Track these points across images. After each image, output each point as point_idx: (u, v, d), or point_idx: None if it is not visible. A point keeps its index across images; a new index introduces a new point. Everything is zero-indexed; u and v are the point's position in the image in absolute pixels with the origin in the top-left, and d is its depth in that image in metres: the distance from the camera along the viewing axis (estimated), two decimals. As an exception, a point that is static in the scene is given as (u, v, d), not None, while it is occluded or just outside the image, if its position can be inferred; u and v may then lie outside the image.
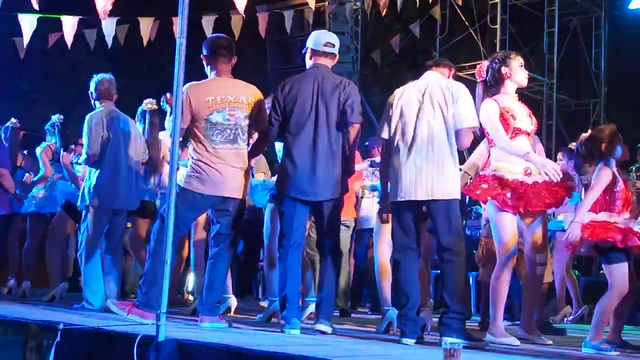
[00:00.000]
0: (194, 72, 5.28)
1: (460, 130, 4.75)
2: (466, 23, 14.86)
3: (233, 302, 6.58)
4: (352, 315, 7.52)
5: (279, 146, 6.34)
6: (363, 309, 8.72)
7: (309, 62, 5.32)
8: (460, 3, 13.61)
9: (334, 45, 5.31)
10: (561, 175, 4.97)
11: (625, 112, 14.60)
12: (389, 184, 5.01)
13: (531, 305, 5.51)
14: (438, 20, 14.53)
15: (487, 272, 6.13)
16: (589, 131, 5.17)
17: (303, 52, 5.39)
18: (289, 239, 5.14)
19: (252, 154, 5.44)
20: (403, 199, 4.79)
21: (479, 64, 5.58)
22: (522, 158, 5.05)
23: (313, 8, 10.94)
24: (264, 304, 7.21)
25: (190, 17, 4.23)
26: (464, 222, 9.13)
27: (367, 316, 7.76)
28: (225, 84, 5.26)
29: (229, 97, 5.19)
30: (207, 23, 10.06)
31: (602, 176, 4.86)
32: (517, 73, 5.28)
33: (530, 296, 5.50)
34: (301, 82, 5.21)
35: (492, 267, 5.47)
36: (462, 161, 5.13)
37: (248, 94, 5.27)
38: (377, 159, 6.07)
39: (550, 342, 5.37)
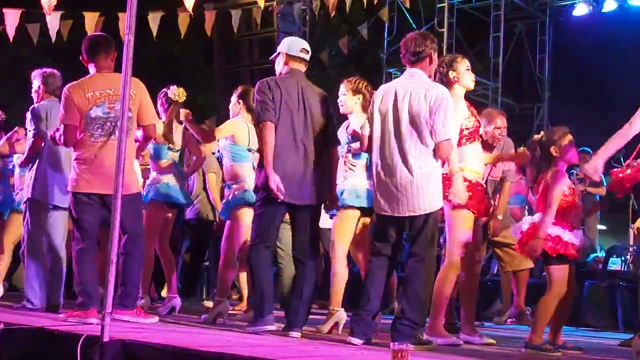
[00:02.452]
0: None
1: (439, 144, 4.70)
2: (414, 26, 14.96)
3: (177, 302, 6.52)
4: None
5: (223, 145, 6.29)
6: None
7: (283, 67, 5.31)
8: (408, 6, 13.70)
9: (308, 52, 5.35)
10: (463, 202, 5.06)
11: (568, 117, 14.83)
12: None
13: (471, 306, 5.54)
14: (386, 23, 14.60)
15: None
16: (541, 133, 5.23)
17: (272, 57, 5.39)
18: (264, 240, 5.12)
19: (138, 150, 5.66)
20: (386, 213, 4.76)
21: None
22: (450, 171, 5.04)
23: (262, 7, 10.88)
24: (209, 304, 7.15)
25: (137, 13, 4.17)
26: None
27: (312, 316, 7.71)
28: (105, 78, 5.28)
29: (108, 90, 5.23)
30: (154, 20, 9.93)
31: (559, 184, 4.87)
32: (465, 77, 5.33)
33: (470, 296, 5.53)
34: (285, 84, 5.16)
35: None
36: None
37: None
38: None
39: (494, 341, 5.43)
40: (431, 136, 4.69)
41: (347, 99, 5.68)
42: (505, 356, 4.73)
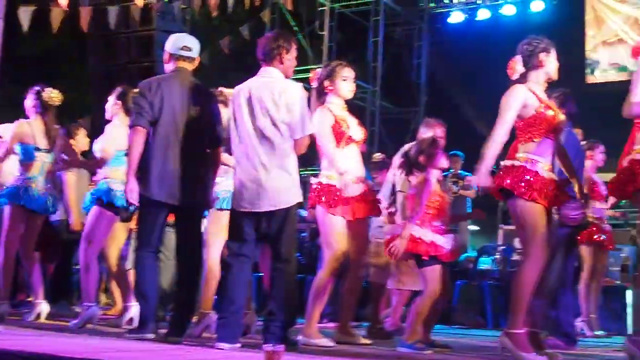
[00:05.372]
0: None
1: (297, 140, 4.76)
2: (295, 28, 15.05)
3: (44, 307, 6.30)
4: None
5: (100, 147, 6.15)
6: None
7: (168, 66, 5.26)
8: (289, 8, 13.75)
9: (190, 49, 5.25)
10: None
11: (443, 121, 15.22)
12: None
13: (350, 308, 5.60)
14: (267, 24, 14.61)
15: (379, 272, 6.36)
16: (410, 144, 5.36)
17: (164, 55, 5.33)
18: (146, 245, 5.02)
19: None
20: (245, 209, 4.74)
21: (309, 69, 5.67)
22: (338, 174, 5.19)
23: (140, 5, 10.69)
24: (79, 309, 6.94)
25: (6, 7, 4.02)
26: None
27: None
28: None
29: None
30: (25, 14, 9.56)
31: (425, 190, 5.02)
32: (340, 87, 5.40)
33: (350, 298, 5.58)
34: (167, 85, 5.09)
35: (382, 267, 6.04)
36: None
37: None
38: None
39: (369, 341, 5.50)
40: (289, 133, 4.73)
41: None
42: (378, 356, 4.80)
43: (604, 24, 14.52)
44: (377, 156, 8.08)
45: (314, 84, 5.48)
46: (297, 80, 5.07)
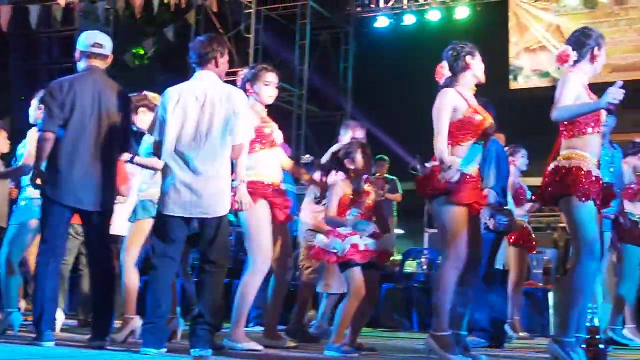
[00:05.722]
0: None
1: (237, 146, 4.71)
2: (221, 30, 14.97)
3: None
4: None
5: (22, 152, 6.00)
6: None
7: (80, 64, 5.15)
8: (215, 10, 13.69)
9: (102, 46, 5.15)
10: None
11: (368, 125, 15.33)
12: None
13: (276, 311, 5.58)
14: (192, 26, 14.51)
15: (312, 274, 6.34)
16: (337, 146, 5.38)
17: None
18: (50, 249, 4.89)
19: None
20: (176, 214, 4.62)
21: (235, 72, 5.63)
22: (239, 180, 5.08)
23: (62, 4, 10.49)
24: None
25: None
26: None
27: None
28: None
29: None
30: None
31: (334, 192, 5.05)
32: (261, 91, 5.38)
33: (276, 302, 5.56)
34: (79, 85, 4.97)
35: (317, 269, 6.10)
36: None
37: None
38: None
39: (294, 344, 5.50)
40: (230, 138, 4.68)
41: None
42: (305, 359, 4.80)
43: (526, 31, 14.87)
44: (306, 157, 8.10)
45: (239, 85, 5.45)
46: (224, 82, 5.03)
